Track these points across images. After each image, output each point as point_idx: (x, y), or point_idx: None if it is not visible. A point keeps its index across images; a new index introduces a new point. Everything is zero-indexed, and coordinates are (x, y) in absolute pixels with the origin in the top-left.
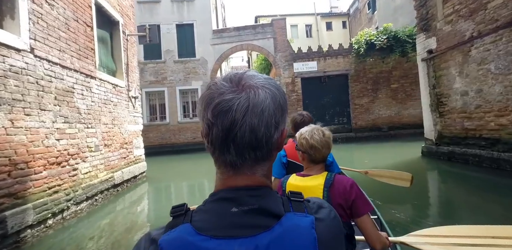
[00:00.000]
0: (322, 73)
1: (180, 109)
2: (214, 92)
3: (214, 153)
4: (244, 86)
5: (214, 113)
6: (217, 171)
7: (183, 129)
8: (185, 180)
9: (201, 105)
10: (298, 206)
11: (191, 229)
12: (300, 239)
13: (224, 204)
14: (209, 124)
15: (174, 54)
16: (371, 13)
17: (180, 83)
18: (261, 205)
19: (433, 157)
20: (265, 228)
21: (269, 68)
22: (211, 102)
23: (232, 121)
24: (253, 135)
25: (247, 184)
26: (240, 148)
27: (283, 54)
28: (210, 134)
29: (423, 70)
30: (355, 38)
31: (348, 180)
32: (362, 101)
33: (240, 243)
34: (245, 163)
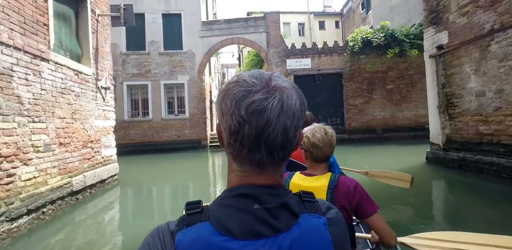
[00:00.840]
0: (316, 71)
1: (164, 105)
2: (245, 89)
3: (241, 150)
4: (275, 87)
5: (249, 111)
6: (235, 168)
7: (167, 126)
8: (166, 182)
9: (230, 101)
10: (311, 206)
11: (211, 228)
12: (317, 240)
13: (245, 200)
14: (241, 121)
15: (159, 46)
16: (364, 13)
17: (165, 77)
18: (282, 203)
19: (440, 164)
20: (285, 227)
21: (261, 65)
22: (243, 99)
23: (267, 121)
24: (285, 135)
25: (267, 183)
26: (272, 148)
27: (276, 50)
28: (241, 131)
29: (430, 68)
30: (351, 35)
31: (351, 182)
32: (356, 101)
33: (263, 244)
34: (272, 162)
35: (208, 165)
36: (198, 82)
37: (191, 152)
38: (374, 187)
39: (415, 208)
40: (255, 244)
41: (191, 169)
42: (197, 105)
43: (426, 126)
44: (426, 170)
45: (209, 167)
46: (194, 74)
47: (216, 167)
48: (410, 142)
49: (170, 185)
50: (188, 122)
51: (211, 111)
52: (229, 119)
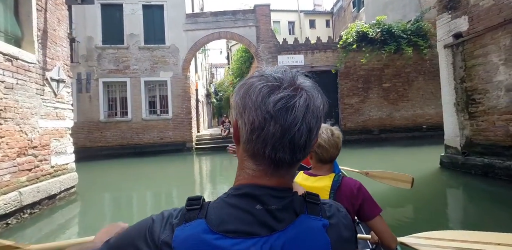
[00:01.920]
0: (309, 68)
1: (145, 104)
2: (273, 84)
3: (264, 148)
4: (301, 85)
5: (277, 107)
6: (249, 165)
7: (148, 127)
8: (144, 191)
9: (256, 95)
10: (314, 208)
11: (205, 226)
12: (314, 242)
13: (249, 200)
14: (267, 117)
15: (139, 40)
16: (356, 11)
17: (146, 74)
18: (285, 205)
19: (458, 170)
20: (281, 227)
21: (251, 62)
22: (271, 94)
23: (294, 119)
24: (308, 135)
25: (275, 184)
26: (295, 147)
27: (267, 45)
28: (266, 128)
29: (445, 60)
30: (345, 30)
31: (355, 183)
32: (352, 101)
33: (255, 243)
34: (291, 162)
35: (194, 169)
36: (183, 79)
37: (175, 155)
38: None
39: (435, 222)
40: (246, 243)
41: (174, 174)
42: (182, 104)
43: (424, 126)
44: (442, 177)
45: (195, 172)
46: (178, 70)
47: (203, 172)
48: (408, 143)
49: (149, 194)
50: (171, 123)
51: (197, 111)
52: (253, 114)
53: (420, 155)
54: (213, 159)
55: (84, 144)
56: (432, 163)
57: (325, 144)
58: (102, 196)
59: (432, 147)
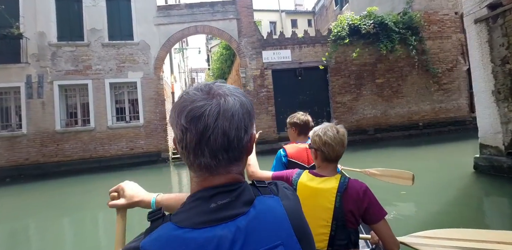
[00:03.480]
0: (297, 65)
1: (111, 109)
2: (186, 100)
3: (188, 157)
4: (214, 94)
5: (187, 119)
6: (192, 175)
7: (115, 136)
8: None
9: (174, 113)
10: (265, 190)
11: (172, 226)
12: (274, 215)
13: (203, 202)
14: (183, 130)
15: (102, 35)
16: (338, 9)
17: (111, 75)
18: (236, 197)
19: (502, 176)
20: (242, 213)
21: (232, 60)
22: (184, 109)
23: (205, 126)
24: (225, 137)
25: (222, 182)
26: (214, 150)
27: (250, 40)
28: (184, 139)
29: (477, 38)
30: (334, 23)
31: (361, 186)
32: (344, 98)
33: (222, 228)
34: (219, 164)
35: (172, 184)
36: (155, 80)
37: (148, 167)
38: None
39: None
40: (214, 229)
41: (148, 190)
42: (155, 108)
43: (420, 123)
44: (482, 186)
45: (173, 186)
46: (149, 70)
47: (182, 186)
48: (408, 142)
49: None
50: (143, 131)
51: None
52: (176, 130)
53: (436, 156)
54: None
55: (36, 160)
56: (462, 167)
57: (331, 141)
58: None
59: (438, 145)
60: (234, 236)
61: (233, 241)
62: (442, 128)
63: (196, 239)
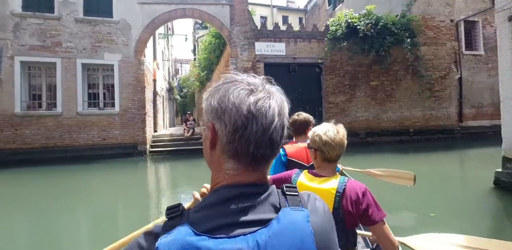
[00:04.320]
0: (291, 60)
1: (82, 93)
2: (248, 88)
3: (247, 146)
4: (270, 89)
5: (257, 107)
6: (228, 166)
7: (86, 124)
8: (75, 215)
9: (235, 98)
10: (294, 199)
11: (189, 230)
12: (298, 233)
13: (228, 201)
14: (249, 117)
15: (76, 9)
16: (331, 9)
17: (85, 54)
18: (261, 202)
19: None
20: (264, 223)
21: (221, 50)
22: (249, 96)
23: (272, 118)
24: (282, 132)
25: (253, 181)
26: (274, 143)
27: (242, 29)
28: (248, 127)
29: (510, 38)
30: (332, 19)
31: (361, 187)
32: (337, 99)
33: (240, 241)
34: (270, 158)
35: (148, 180)
36: (135, 64)
37: (122, 160)
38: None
39: None
40: (231, 241)
41: (121, 188)
42: (133, 96)
43: (411, 129)
44: (504, 203)
45: (150, 183)
46: (129, 53)
47: (161, 183)
48: (401, 148)
49: (83, 218)
50: (118, 120)
51: (155, 105)
52: (234, 115)
53: (444, 168)
54: (173, 166)
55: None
56: (479, 182)
57: (332, 142)
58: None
59: (436, 154)
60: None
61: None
62: (431, 135)
63: (211, 249)
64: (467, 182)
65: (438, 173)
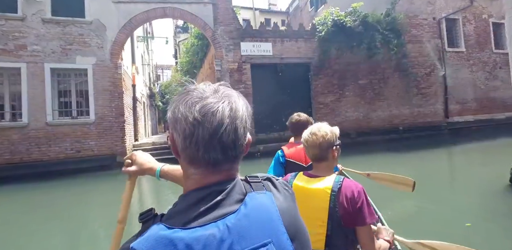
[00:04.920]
0: (278, 60)
1: (52, 101)
2: (195, 96)
3: (197, 151)
4: (223, 94)
5: (202, 113)
6: (192, 172)
7: (57, 135)
8: (46, 240)
9: (183, 106)
10: (257, 186)
11: (161, 226)
12: (265, 213)
13: (195, 202)
14: (195, 124)
15: (43, 9)
16: (313, 10)
17: (54, 58)
18: (227, 194)
19: None
20: (232, 212)
21: (205, 51)
22: (195, 103)
23: (219, 121)
24: (235, 134)
25: (219, 179)
26: (225, 146)
27: (227, 29)
28: (196, 134)
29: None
30: (318, 18)
31: (356, 187)
32: (327, 99)
33: (210, 227)
34: (226, 160)
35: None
36: (111, 68)
37: (100, 174)
38: None
39: None
40: (202, 229)
41: (100, 206)
42: (110, 102)
43: (400, 127)
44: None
45: (133, 199)
46: (104, 56)
47: (144, 198)
48: (391, 147)
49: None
50: (94, 129)
51: (135, 112)
52: (183, 123)
53: (444, 165)
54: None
55: None
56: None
57: (305, 142)
58: None
59: (426, 151)
60: (222, 235)
61: (221, 240)
62: (420, 132)
63: (184, 238)
64: (478, 180)
65: (444, 172)
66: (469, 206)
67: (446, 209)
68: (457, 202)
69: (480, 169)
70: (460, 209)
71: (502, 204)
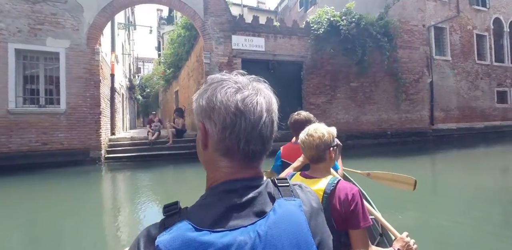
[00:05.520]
0: (271, 56)
1: (15, 87)
2: (235, 86)
3: (238, 143)
4: (256, 86)
5: (244, 103)
6: (223, 164)
7: (20, 125)
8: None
9: (222, 95)
10: (286, 190)
11: (189, 226)
12: (293, 222)
13: (226, 196)
14: (237, 113)
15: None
16: (303, 11)
17: (20, 38)
18: (259, 193)
19: None
20: (262, 214)
21: (192, 43)
22: (236, 93)
23: (260, 113)
24: (272, 128)
25: (250, 175)
26: (264, 139)
27: (218, 20)
28: (238, 124)
29: None
30: (313, 16)
31: (351, 189)
32: (318, 100)
33: (241, 233)
34: (262, 153)
35: (103, 193)
36: (88, 54)
37: (70, 170)
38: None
39: None
40: (232, 234)
41: (69, 209)
42: (85, 91)
43: (389, 132)
44: None
45: (104, 197)
46: (80, 40)
47: (119, 197)
48: (380, 151)
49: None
50: (64, 120)
51: (113, 104)
52: (223, 113)
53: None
54: (135, 175)
55: None
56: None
57: (302, 143)
58: None
59: (413, 157)
60: (253, 242)
61: (252, 248)
62: (406, 138)
63: (215, 243)
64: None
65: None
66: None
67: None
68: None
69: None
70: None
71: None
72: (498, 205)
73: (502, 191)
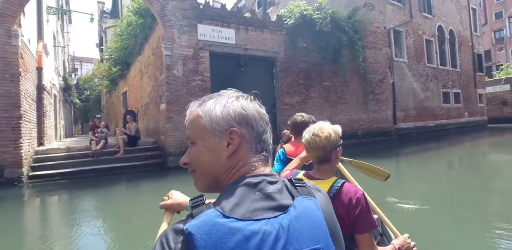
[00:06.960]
0: (242, 51)
1: None
2: (254, 106)
3: (267, 146)
4: (245, 95)
5: (266, 116)
6: (251, 161)
7: None
8: None
9: (254, 110)
10: (303, 190)
11: (217, 213)
12: (313, 218)
13: (248, 189)
14: (264, 124)
15: None
16: (261, 11)
17: None
18: (280, 189)
19: None
20: (283, 209)
21: (147, 33)
22: (260, 111)
23: (267, 123)
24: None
25: (269, 171)
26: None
27: (180, 5)
28: (267, 132)
29: None
30: (284, 10)
31: (356, 192)
32: (293, 100)
33: (266, 223)
34: (270, 152)
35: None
36: (1, 36)
37: None
38: None
39: None
40: (258, 223)
41: None
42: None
43: (359, 132)
44: None
45: (28, 229)
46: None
47: (53, 233)
48: (349, 152)
49: None
50: None
51: (41, 106)
52: (260, 123)
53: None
54: (73, 199)
55: None
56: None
57: (307, 144)
58: None
59: (381, 156)
60: (277, 233)
61: (276, 237)
62: (375, 137)
63: (242, 230)
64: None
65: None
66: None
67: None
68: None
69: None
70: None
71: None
72: (452, 191)
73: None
